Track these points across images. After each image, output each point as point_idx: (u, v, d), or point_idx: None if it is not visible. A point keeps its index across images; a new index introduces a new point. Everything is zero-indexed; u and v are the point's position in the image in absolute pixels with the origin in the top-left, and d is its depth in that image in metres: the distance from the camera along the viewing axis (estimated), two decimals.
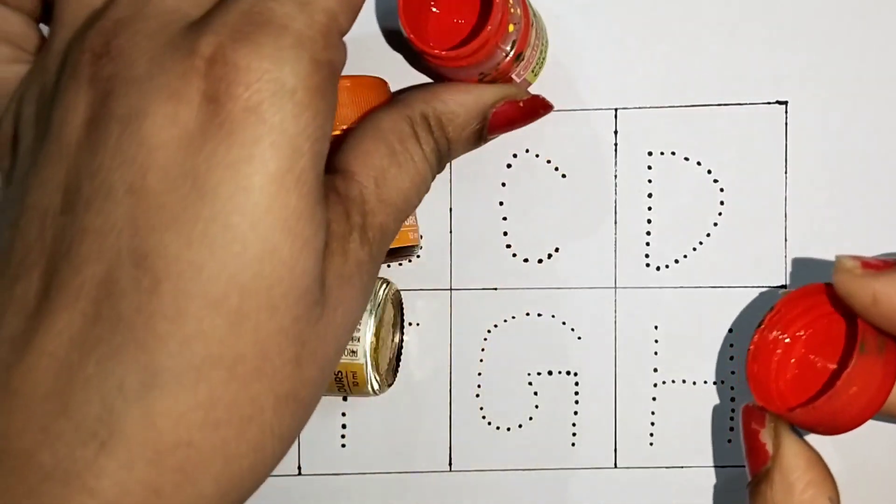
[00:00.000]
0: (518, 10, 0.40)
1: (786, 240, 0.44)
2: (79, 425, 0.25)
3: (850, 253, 0.44)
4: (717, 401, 0.45)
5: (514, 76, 0.43)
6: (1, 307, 0.27)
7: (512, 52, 0.40)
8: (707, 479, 0.45)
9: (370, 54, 0.46)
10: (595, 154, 0.45)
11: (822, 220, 0.44)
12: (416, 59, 0.43)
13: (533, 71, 0.44)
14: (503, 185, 0.45)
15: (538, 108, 0.41)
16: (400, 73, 0.45)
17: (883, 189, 0.44)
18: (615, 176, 0.45)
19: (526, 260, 0.45)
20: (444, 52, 0.38)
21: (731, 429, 0.45)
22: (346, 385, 0.41)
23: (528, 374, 0.45)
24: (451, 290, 0.46)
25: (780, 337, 0.39)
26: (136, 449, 0.25)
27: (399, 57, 0.45)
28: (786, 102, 0.44)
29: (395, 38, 0.45)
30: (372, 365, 0.41)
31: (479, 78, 0.41)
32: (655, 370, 0.45)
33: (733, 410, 0.45)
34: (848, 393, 0.34)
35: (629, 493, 0.45)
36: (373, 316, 0.41)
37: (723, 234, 0.45)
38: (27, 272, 0.27)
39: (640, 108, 0.45)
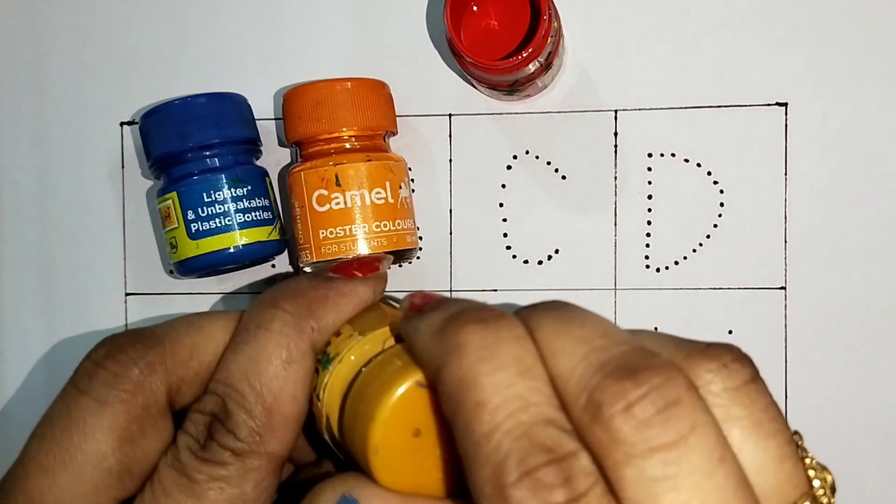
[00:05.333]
0: (556, 24, 0.41)
1: (786, 241, 0.44)
2: None
3: (845, 256, 0.44)
4: None
5: (538, 81, 0.43)
6: None
7: (544, 62, 0.41)
8: None
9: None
10: (595, 156, 0.45)
11: (822, 220, 0.44)
12: (449, 56, 0.44)
13: (551, 75, 0.44)
14: (503, 186, 0.45)
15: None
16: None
17: (883, 189, 0.44)
18: (615, 177, 0.45)
19: (526, 261, 0.45)
20: (488, 62, 0.40)
21: None
22: None
23: None
24: (451, 291, 0.46)
25: None
26: None
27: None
28: (786, 104, 0.44)
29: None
30: None
31: (509, 84, 0.42)
32: None
33: None
34: None
35: None
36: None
37: (723, 235, 0.45)
38: None
39: (639, 109, 0.45)
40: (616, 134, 0.45)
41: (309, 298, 0.31)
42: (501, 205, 0.46)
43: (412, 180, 0.45)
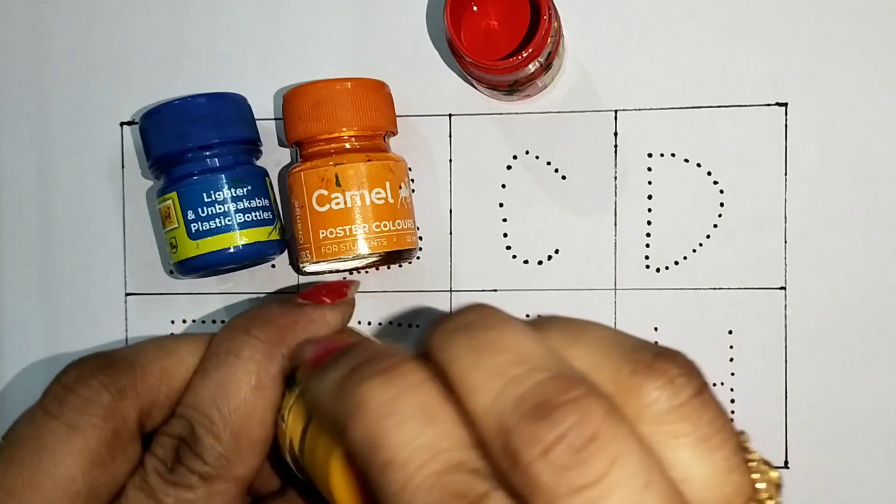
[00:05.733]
0: (556, 24, 0.41)
1: (785, 241, 0.44)
2: None
3: (845, 256, 0.44)
4: None
5: (538, 81, 0.43)
6: None
7: (544, 62, 0.41)
8: None
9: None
10: (595, 156, 0.45)
11: (822, 220, 0.44)
12: (449, 56, 0.44)
13: (551, 75, 0.44)
14: (503, 186, 0.45)
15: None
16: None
17: (883, 189, 0.44)
18: (615, 178, 0.45)
19: (526, 262, 0.45)
20: (488, 62, 0.40)
21: None
22: None
23: None
24: (450, 291, 0.46)
25: None
26: None
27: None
28: (786, 104, 0.44)
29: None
30: None
31: (509, 84, 0.42)
32: None
33: (733, 412, 0.45)
34: None
35: None
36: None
37: (722, 235, 0.45)
38: None
39: (639, 109, 0.45)
40: (616, 134, 0.45)
41: (279, 325, 0.32)
42: (501, 205, 0.45)
43: (412, 180, 0.45)
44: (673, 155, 0.45)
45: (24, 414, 0.31)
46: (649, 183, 0.45)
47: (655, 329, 0.45)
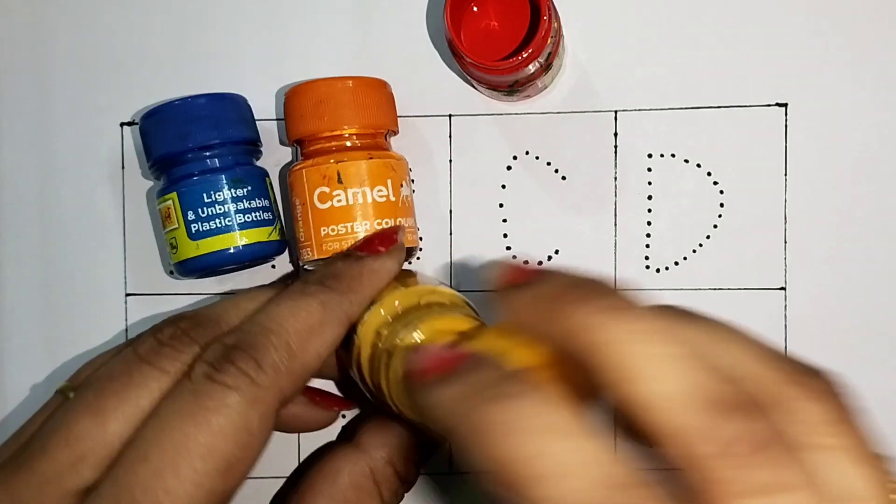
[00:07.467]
0: (556, 24, 0.41)
1: (785, 242, 0.44)
2: None
3: (845, 256, 0.44)
4: None
5: (538, 82, 0.43)
6: None
7: (544, 63, 0.41)
8: None
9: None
10: (595, 156, 0.45)
11: (822, 221, 0.44)
12: (449, 56, 0.44)
13: (551, 76, 0.44)
14: (503, 187, 0.45)
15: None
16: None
17: (883, 189, 0.44)
18: (615, 178, 0.45)
19: (526, 262, 0.45)
20: (488, 63, 0.40)
21: None
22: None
23: None
24: None
25: None
26: None
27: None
28: (786, 104, 0.44)
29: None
30: None
31: (509, 85, 0.42)
32: None
33: None
34: None
35: None
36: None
37: (723, 236, 0.45)
38: None
39: (640, 110, 0.45)
40: (616, 134, 0.45)
41: (348, 277, 0.37)
42: (501, 205, 0.46)
43: (412, 180, 0.45)
44: (673, 155, 0.45)
45: (112, 357, 0.35)
46: (649, 183, 0.45)
47: None
